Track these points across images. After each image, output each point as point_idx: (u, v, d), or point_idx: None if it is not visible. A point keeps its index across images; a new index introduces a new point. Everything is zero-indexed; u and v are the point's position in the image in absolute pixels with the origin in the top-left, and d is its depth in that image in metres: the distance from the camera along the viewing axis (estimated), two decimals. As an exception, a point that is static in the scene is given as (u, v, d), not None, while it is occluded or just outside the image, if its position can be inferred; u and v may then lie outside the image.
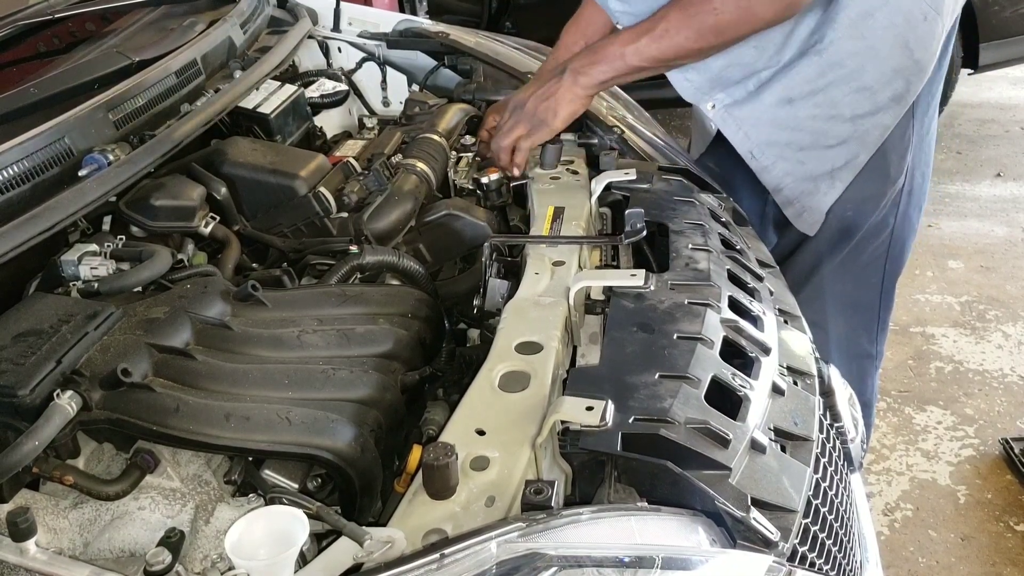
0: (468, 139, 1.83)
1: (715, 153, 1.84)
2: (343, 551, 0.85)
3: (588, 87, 1.61)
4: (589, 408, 0.95)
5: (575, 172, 1.63)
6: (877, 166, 1.65)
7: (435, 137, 1.74)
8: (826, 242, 1.73)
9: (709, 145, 1.88)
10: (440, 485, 0.89)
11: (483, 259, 1.33)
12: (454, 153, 1.78)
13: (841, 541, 1.10)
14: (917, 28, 1.55)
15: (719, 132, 1.72)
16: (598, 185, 1.53)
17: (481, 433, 0.97)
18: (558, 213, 1.46)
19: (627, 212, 1.38)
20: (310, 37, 2.12)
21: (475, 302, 1.31)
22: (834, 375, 1.31)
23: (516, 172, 1.64)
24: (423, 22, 2.28)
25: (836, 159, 1.63)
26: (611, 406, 0.95)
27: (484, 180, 1.63)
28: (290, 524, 0.83)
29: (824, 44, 1.55)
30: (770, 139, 1.64)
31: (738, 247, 1.41)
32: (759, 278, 1.35)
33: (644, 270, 1.21)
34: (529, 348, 1.11)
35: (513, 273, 1.34)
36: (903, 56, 1.56)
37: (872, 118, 1.60)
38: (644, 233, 1.35)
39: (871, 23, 1.53)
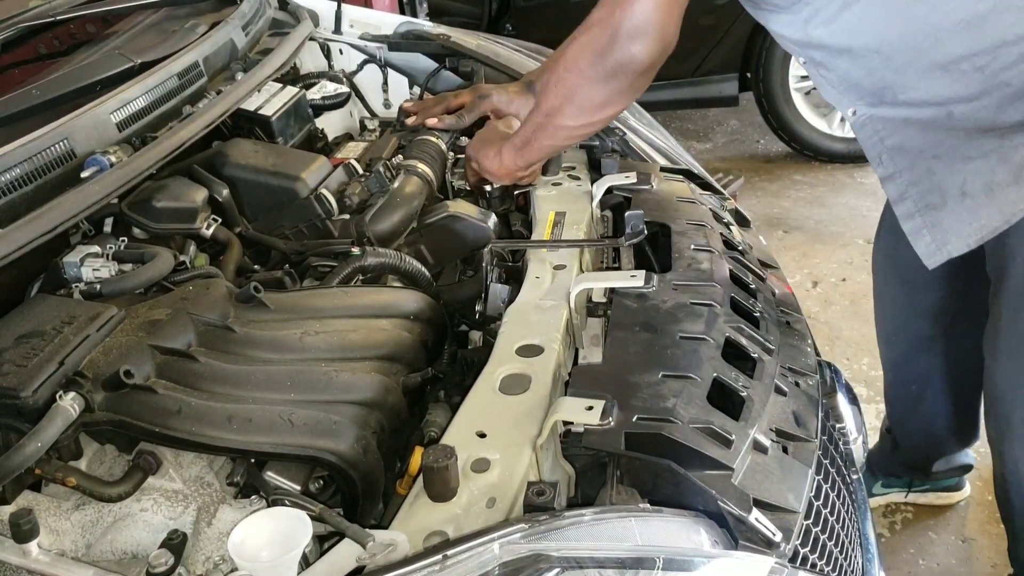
0: (464, 140, 1.83)
1: None
2: (346, 553, 0.85)
3: (529, 161, 1.59)
4: (589, 408, 0.95)
5: (576, 177, 1.63)
6: (1012, 202, 1.43)
7: (433, 138, 1.74)
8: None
9: None
10: (441, 487, 0.89)
11: (484, 264, 1.34)
12: (451, 155, 1.78)
13: (842, 542, 1.10)
14: None
15: None
16: (599, 189, 1.53)
17: (482, 436, 0.98)
18: (559, 218, 1.46)
19: (627, 214, 1.38)
20: (311, 39, 2.12)
21: (477, 307, 1.32)
22: (836, 376, 1.31)
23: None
24: (424, 24, 2.28)
25: (969, 175, 1.45)
26: (615, 405, 0.95)
27: (487, 187, 1.64)
28: (293, 526, 0.83)
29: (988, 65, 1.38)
30: (904, 143, 1.49)
31: (740, 247, 1.41)
32: (761, 278, 1.36)
33: (644, 271, 1.21)
34: (530, 351, 1.12)
35: (515, 278, 1.35)
36: None
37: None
38: (645, 234, 1.35)
39: None
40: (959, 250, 1.48)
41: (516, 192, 1.65)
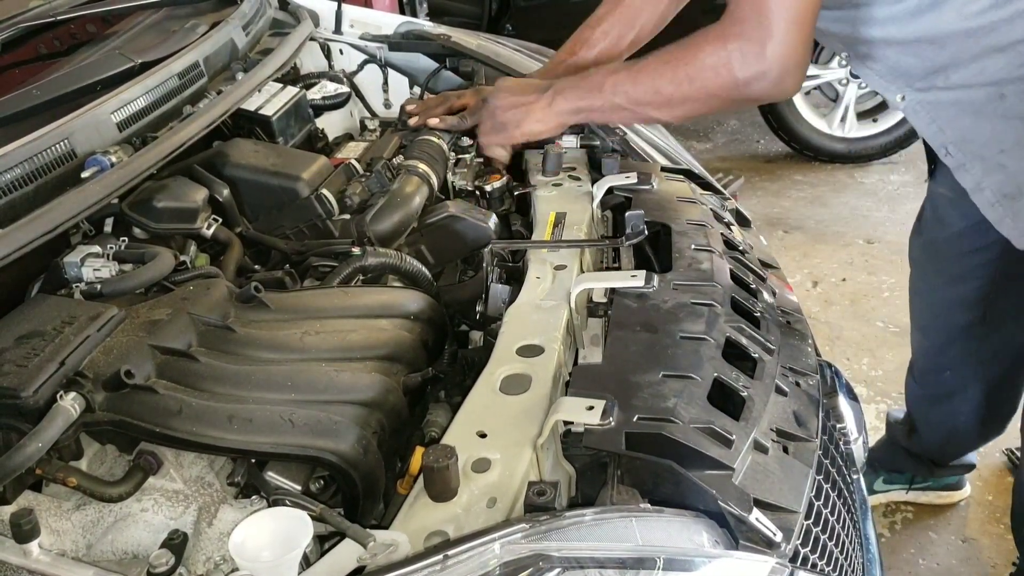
0: (466, 141, 1.83)
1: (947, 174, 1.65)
2: (347, 553, 0.85)
3: (562, 112, 1.56)
4: (590, 408, 0.95)
5: (577, 178, 1.63)
6: None
7: (434, 138, 1.74)
8: None
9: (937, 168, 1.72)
10: (441, 487, 0.89)
11: (484, 265, 1.34)
12: (452, 155, 1.78)
13: (843, 542, 1.10)
14: None
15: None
16: (599, 190, 1.53)
17: (482, 436, 0.98)
18: (559, 219, 1.46)
19: (627, 214, 1.38)
20: (312, 39, 2.12)
21: (478, 307, 1.32)
22: (836, 376, 1.31)
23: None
24: (424, 24, 2.28)
25: None
26: (615, 405, 0.95)
27: (488, 187, 1.64)
28: (294, 526, 0.83)
29: None
30: (967, 135, 1.48)
31: (740, 247, 1.41)
32: (762, 278, 1.36)
33: (644, 270, 1.21)
34: (530, 351, 1.12)
35: (515, 278, 1.35)
36: None
37: None
38: (645, 234, 1.35)
39: None
40: None
41: (516, 192, 1.65)
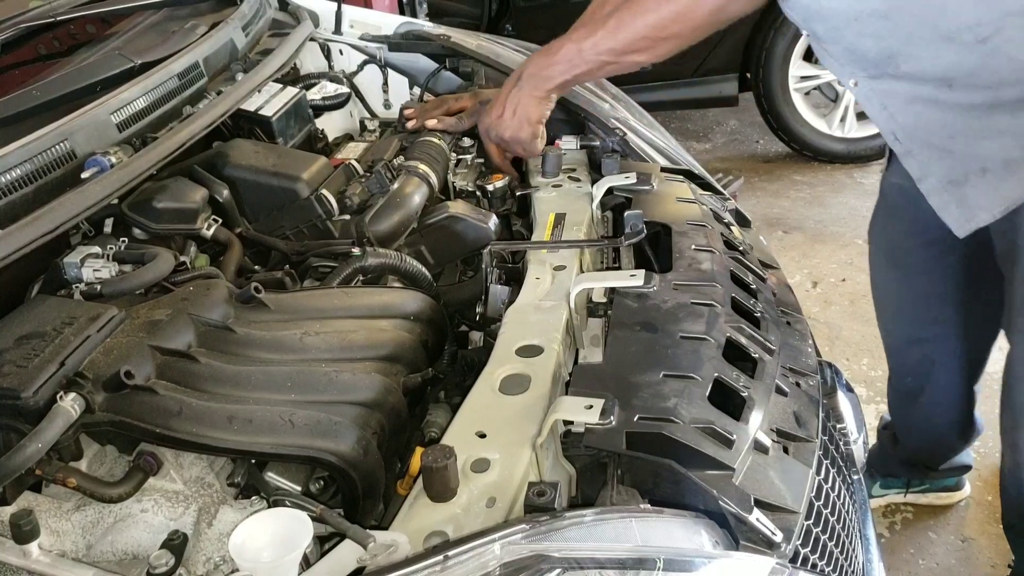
0: (466, 141, 1.83)
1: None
2: (347, 554, 0.85)
3: (548, 90, 1.62)
4: (588, 407, 0.95)
5: (577, 179, 1.63)
6: None
7: (435, 139, 1.74)
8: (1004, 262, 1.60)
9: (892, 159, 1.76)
10: (440, 488, 0.89)
11: (484, 266, 1.34)
12: (454, 155, 1.78)
13: (843, 543, 1.10)
14: None
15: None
16: (599, 190, 1.53)
17: (482, 436, 0.98)
18: (559, 219, 1.46)
19: (627, 214, 1.38)
20: (311, 40, 2.12)
21: (478, 309, 1.32)
22: (836, 377, 1.31)
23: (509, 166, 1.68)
24: (424, 25, 2.28)
25: (988, 152, 1.47)
26: (615, 404, 0.95)
27: (489, 187, 1.64)
28: (294, 526, 0.83)
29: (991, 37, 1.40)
30: (916, 122, 1.51)
31: (740, 247, 1.41)
32: (762, 279, 1.36)
33: (644, 270, 1.21)
34: (530, 351, 1.12)
35: (515, 279, 1.35)
36: None
37: None
38: (644, 234, 1.35)
39: None
40: (986, 220, 1.50)
41: (517, 193, 1.65)
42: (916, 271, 1.87)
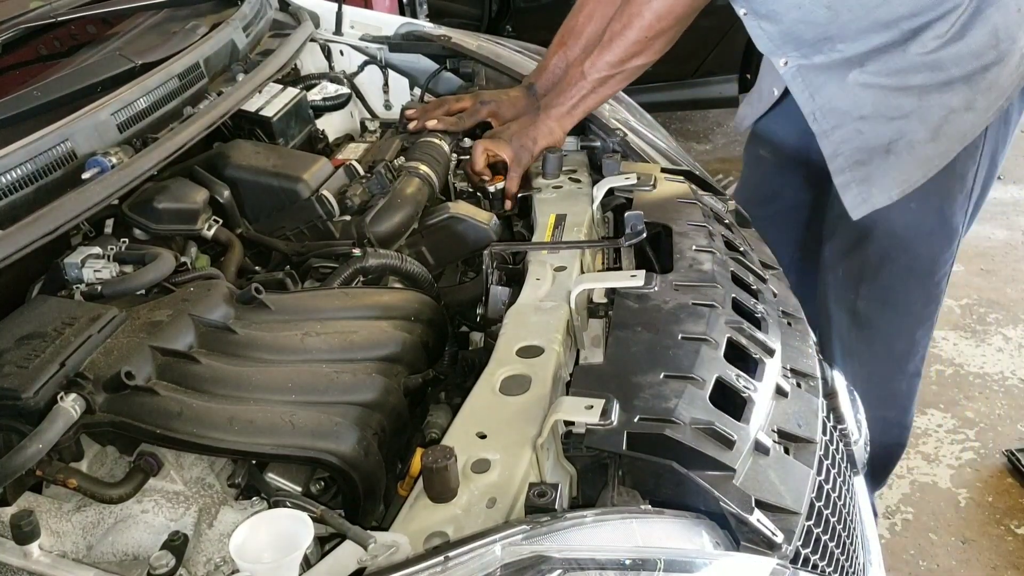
0: (467, 142, 1.83)
1: (774, 119, 1.90)
2: (347, 554, 0.85)
3: (561, 117, 1.71)
4: (589, 407, 0.95)
5: (577, 180, 1.63)
6: (929, 157, 1.63)
7: (436, 140, 1.74)
8: (883, 247, 1.73)
9: (766, 112, 1.91)
10: (441, 488, 0.89)
11: (484, 267, 1.34)
12: (454, 156, 1.78)
13: (844, 543, 1.10)
14: (1008, 17, 1.56)
15: (777, 101, 1.79)
16: (599, 191, 1.53)
17: (482, 436, 0.98)
18: (559, 220, 1.46)
19: (627, 214, 1.38)
20: (312, 40, 2.12)
21: (478, 310, 1.32)
22: (837, 377, 1.31)
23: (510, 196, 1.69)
24: (425, 25, 2.29)
25: (894, 133, 1.62)
26: (616, 405, 0.95)
27: (491, 188, 1.64)
28: (294, 527, 0.83)
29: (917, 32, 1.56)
30: (832, 104, 1.64)
31: (741, 248, 1.41)
32: (762, 279, 1.36)
33: (644, 270, 1.21)
34: (530, 352, 1.12)
35: (516, 280, 1.34)
36: (987, 40, 1.56)
37: (939, 95, 1.58)
38: (644, 235, 1.35)
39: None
40: (882, 203, 1.65)
41: (520, 195, 1.65)
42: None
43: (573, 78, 1.69)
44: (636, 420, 0.95)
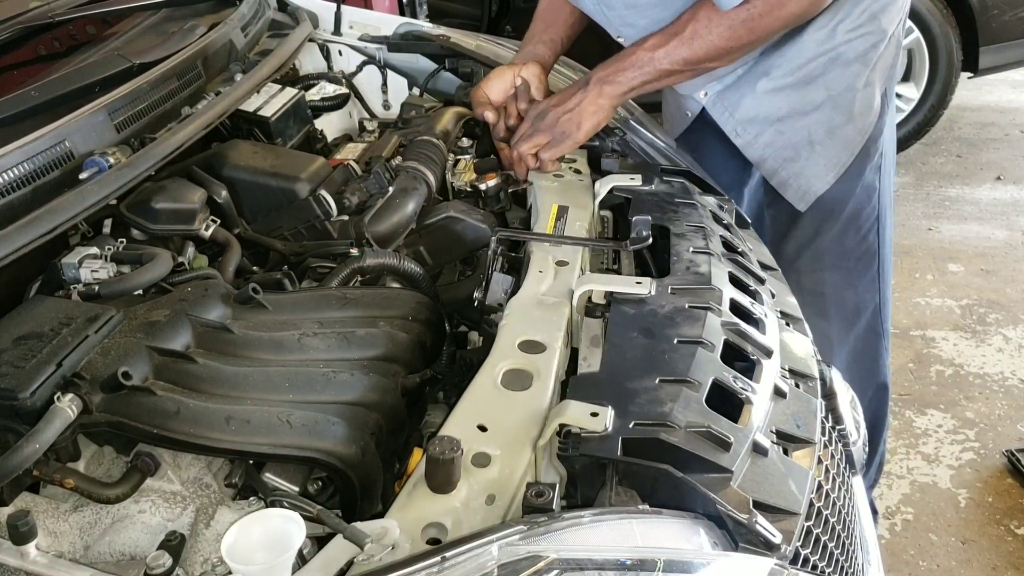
0: (465, 142, 1.83)
1: (694, 134, 1.91)
2: (339, 549, 0.84)
3: (614, 96, 1.60)
4: (594, 414, 0.95)
5: (578, 172, 1.63)
6: (850, 137, 1.72)
7: (433, 139, 1.74)
8: (815, 219, 1.79)
9: (686, 129, 1.93)
10: (443, 479, 0.88)
11: (490, 251, 1.33)
12: (451, 156, 1.78)
13: (843, 544, 1.10)
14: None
15: (697, 116, 1.82)
16: (603, 188, 1.53)
17: (483, 429, 0.97)
18: (562, 212, 1.46)
19: (635, 218, 1.38)
20: (311, 40, 2.12)
21: (476, 294, 1.30)
22: (836, 377, 1.31)
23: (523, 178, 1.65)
24: (424, 25, 2.28)
25: (812, 125, 1.69)
26: (611, 412, 0.95)
27: (483, 186, 1.64)
28: (286, 527, 0.83)
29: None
30: (750, 115, 1.71)
31: (740, 249, 1.41)
32: (761, 280, 1.35)
33: (649, 278, 1.21)
34: (533, 347, 1.11)
35: (515, 269, 1.34)
36: (871, 24, 1.64)
37: (842, 79, 1.67)
38: (649, 241, 1.35)
39: None
40: (822, 189, 1.73)
41: (512, 190, 1.65)
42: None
43: (638, 60, 1.57)
44: (631, 425, 0.95)
